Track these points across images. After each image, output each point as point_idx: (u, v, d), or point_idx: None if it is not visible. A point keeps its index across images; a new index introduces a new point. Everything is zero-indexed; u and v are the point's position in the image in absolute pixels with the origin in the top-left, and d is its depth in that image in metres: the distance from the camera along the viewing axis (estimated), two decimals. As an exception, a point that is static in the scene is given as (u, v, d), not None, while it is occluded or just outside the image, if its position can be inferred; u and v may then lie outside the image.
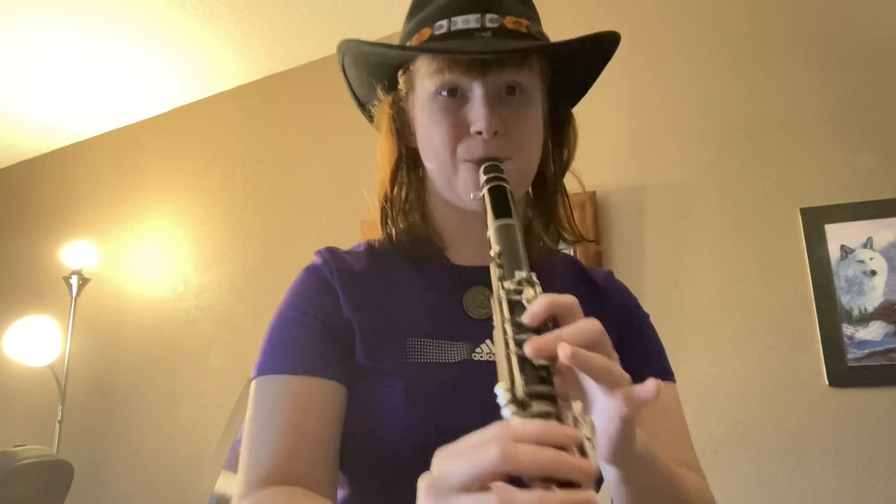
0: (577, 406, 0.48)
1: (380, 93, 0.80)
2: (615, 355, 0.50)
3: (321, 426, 0.69)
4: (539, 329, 0.49)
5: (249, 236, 2.65)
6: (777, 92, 2.05)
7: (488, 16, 0.71)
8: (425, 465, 0.46)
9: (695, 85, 2.14)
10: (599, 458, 0.52)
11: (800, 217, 1.94)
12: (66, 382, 2.59)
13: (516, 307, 0.52)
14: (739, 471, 1.84)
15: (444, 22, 0.72)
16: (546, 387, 0.46)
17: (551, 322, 0.50)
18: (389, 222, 0.79)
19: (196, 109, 2.87)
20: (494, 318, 0.53)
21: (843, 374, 1.81)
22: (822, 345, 1.84)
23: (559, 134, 0.83)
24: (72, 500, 2.17)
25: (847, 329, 1.84)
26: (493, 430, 0.42)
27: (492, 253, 0.59)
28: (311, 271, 0.78)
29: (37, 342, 2.55)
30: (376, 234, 0.82)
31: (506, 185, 0.66)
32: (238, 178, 2.75)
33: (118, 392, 2.69)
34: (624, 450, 0.52)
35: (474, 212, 0.69)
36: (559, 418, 0.45)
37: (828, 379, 1.82)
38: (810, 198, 1.94)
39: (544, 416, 0.44)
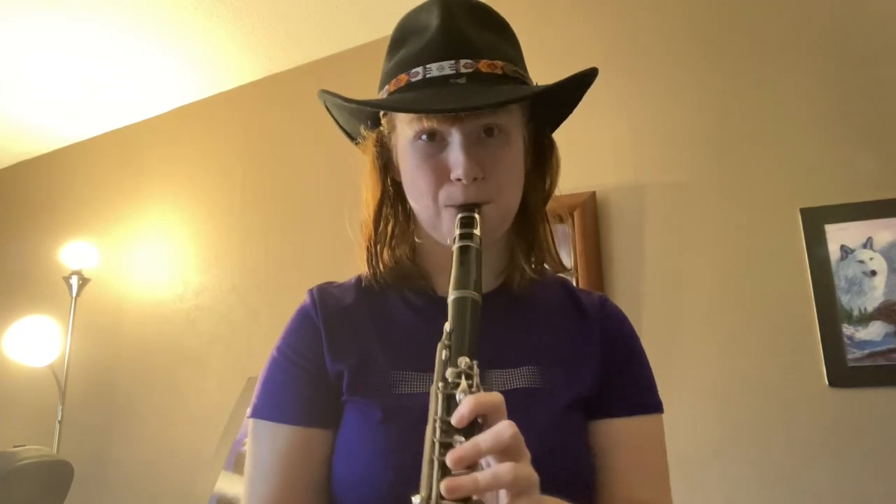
0: None
1: (363, 131, 0.82)
2: (526, 455, 0.54)
3: (307, 472, 0.74)
4: (468, 428, 0.54)
5: (249, 236, 2.65)
6: (777, 92, 2.05)
7: (463, 61, 0.71)
8: (403, 490, 0.52)
9: (694, 85, 2.14)
10: None
11: (800, 217, 1.94)
12: (66, 382, 2.59)
13: (451, 402, 0.56)
14: (739, 471, 1.84)
15: (420, 69, 0.72)
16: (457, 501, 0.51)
17: (480, 418, 0.55)
18: (375, 261, 0.81)
19: (196, 109, 2.87)
20: (430, 410, 0.57)
21: (843, 374, 1.81)
22: (822, 345, 1.84)
23: (542, 162, 0.83)
24: (72, 500, 2.17)
25: (847, 329, 1.84)
26: None
27: (444, 328, 0.61)
28: (301, 314, 0.82)
29: (37, 342, 2.55)
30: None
31: (473, 244, 0.67)
32: (238, 178, 2.75)
33: (118, 392, 2.69)
34: None
35: None
36: None
37: (828, 379, 1.82)
38: (810, 198, 1.94)
39: None
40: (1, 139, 2.98)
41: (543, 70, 0.89)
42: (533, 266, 0.83)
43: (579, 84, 0.77)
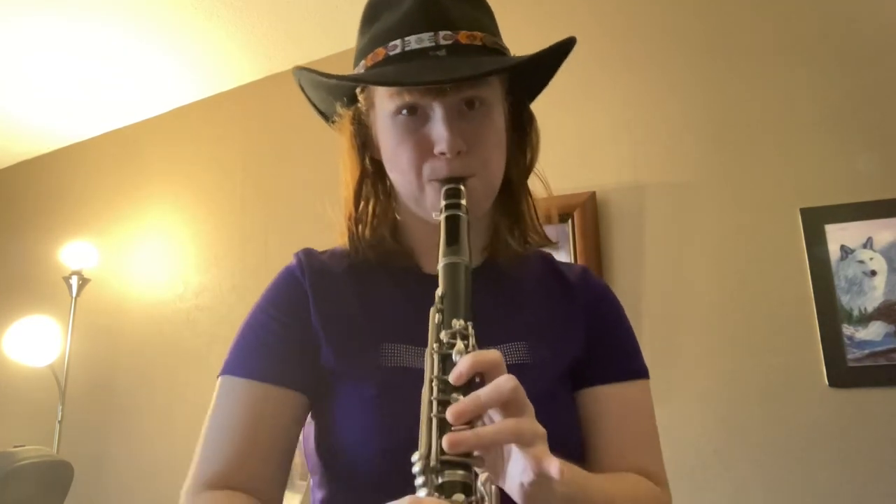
0: (482, 476, 0.52)
1: (339, 109, 0.81)
2: (530, 408, 0.53)
3: (274, 433, 0.71)
4: (465, 386, 0.52)
5: (249, 236, 2.65)
6: (777, 92, 2.05)
7: (442, 33, 0.70)
8: (396, 468, 0.50)
9: (695, 85, 2.14)
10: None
11: (800, 217, 1.94)
12: (66, 382, 2.59)
13: (447, 361, 0.54)
14: (739, 471, 1.84)
15: (398, 42, 0.71)
16: (459, 456, 0.49)
17: (479, 377, 0.53)
18: (357, 240, 0.80)
19: (196, 109, 2.87)
20: (426, 371, 0.55)
21: (843, 374, 1.81)
22: (822, 345, 1.84)
23: (522, 137, 0.82)
24: (72, 500, 2.17)
25: (847, 329, 1.84)
26: None
27: (436, 293, 0.60)
28: (286, 274, 0.81)
29: (37, 342, 2.55)
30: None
31: (461, 213, 0.67)
32: (238, 177, 2.75)
33: (118, 392, 2.69)
34: (542, 496, 0.54)
35: None
36: (468, 489, 0.49)
37: (828, 379, 1.82)
38: (810, 198, 1.94)
39: (453, 486, 0.48)
40: (1, 139, 2.98)
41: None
42: (517, 241, 0.82)
43: (558, 53, 0.76)
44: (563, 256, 2.10)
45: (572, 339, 0.78)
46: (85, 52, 2.49)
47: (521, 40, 0.84)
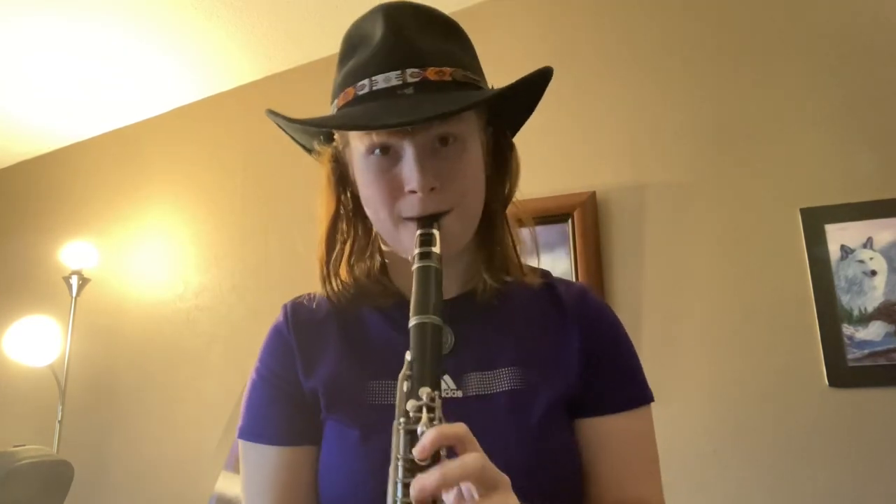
0: None
1: (318, 146, 0.81)
2: (503, 481, 0.52)
3: (301, 490, 0.75)
4: (430, 463, 0.52)
5: (249, 236, 2.65)
6: (777, 92, 2.05)
7: (409, 71, 0.69)
8: None
9: (695, 85, 2.14)
10: None
11: (800, 217, 1.94)
12: (66, 382, 2.59)
13: (413, 437, 0.55)
14: (739, 471, 1.84)
15: (366, 82, 0.70)
16: None
17: (445, 450, 0.53)
18: (329, 285, 0.79)
19: (196, 109, 2.87)
20: (392, 449, 0.56)
21: (843, 374, 1.81)
22: (822, 345, 1.84)
23: (502, 165, 0.81)
24: (72, 500, 2.17)
25: (847, 329, 1.84)
26: None
27: (406, 357, 0.60)
28: (274, 332, 0.82)
29: (37, 342, 2.55)
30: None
31: (432, 264, 0.66)
32: (238, 177, 2.75)
33: (118, 392, 2.69)
34: None
35: None
36: None
37: (828, 379, 1.82)
38: (810, 198, 1.94)
39: None
40: (1, 139, 2.98)
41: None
42: (492, 275, 0.80)
43: (533, 85, 0.74)
44: (562, 256, 2.10)
45: (567, 366, 0.76)
46: (85, 52, 2.49)
47: (521, 40, 0.83)
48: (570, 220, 2.12)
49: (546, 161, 2.12)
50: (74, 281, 2.68)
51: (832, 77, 2.01)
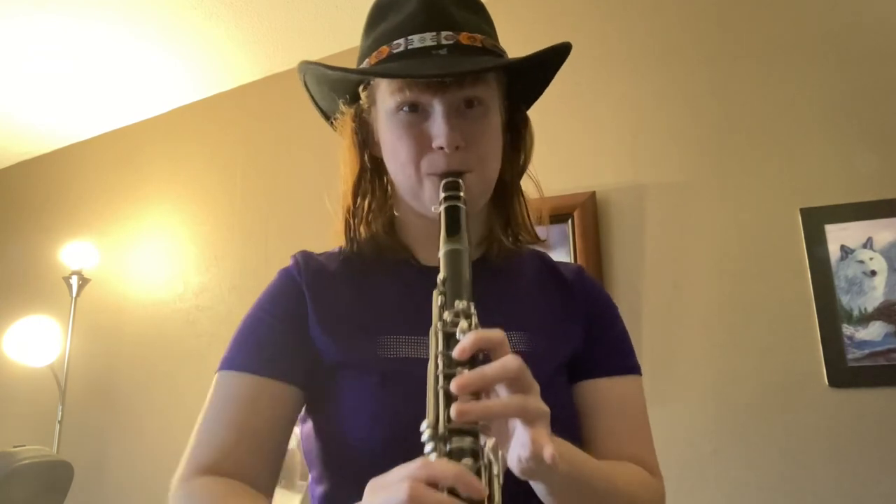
0: (489, 443, 0.53)
1: (342, 106, 0.82)
2: (536, 387, 0.54)
3: (267, 425, 0.72)
4: (469, 362, 0.53)
5: (249, 236, 2.65)
6: (777, 92, 2.05)
7: (444, 33, 0.73)
8: (399, 457, 0.50)
9: (695, 85, 2.14)
10: (520, 476, 0.56)
11: (800, 217, 1.94)
12: (66, 382, 2.59)
13: (451, 339, 0.56)
14: (739, 471, 1.84)
15: (402, 41, 0.73)
16: (466, 424, 0.51)
17: (482, 354, 0.54)
18: (352, 234, 0.82)
19: (196, 109, 2.87)
20: (430, 349, 0.57)
21: (843, 374, 1.81)
22: (822, 345, 1.84)
23: (516, 138, 0.85)
24: (72, 500, 2.17)
25: (847, 329, 1.84)
26: (411, 467, 0.48)
27: (438, 278, 0.62)
28: (283, 275, 0.83)
29: (37, 342, 2.55)
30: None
31: (460, 204, 0.69)
32: (238, 178, 2.75)
33: (118, 392, 2.69)
34: (539, 473, 0.55)
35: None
36: (475, 454, 0.50)
37: (828, 379, 1.82)
38: (810, 198, 1.94)
39: (461, 452, 0.50)
40: (1, 139, 2.98)
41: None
42: (509, 238, 0.84)
43: (555, 56, 0.78)
44: (562, 256, 2.10)
45: (571, 332, 0.81)
46: (85, 52, 2.49)
47: (522, 41, 0.84)
48: (570, 220, 2.12)
49: (546, 161, 2.11)
50: (74, 281, 2.68)
51: (832, 77, 2.01)
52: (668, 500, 0.79)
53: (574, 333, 0.81)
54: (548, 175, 0.88)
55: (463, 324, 0.56)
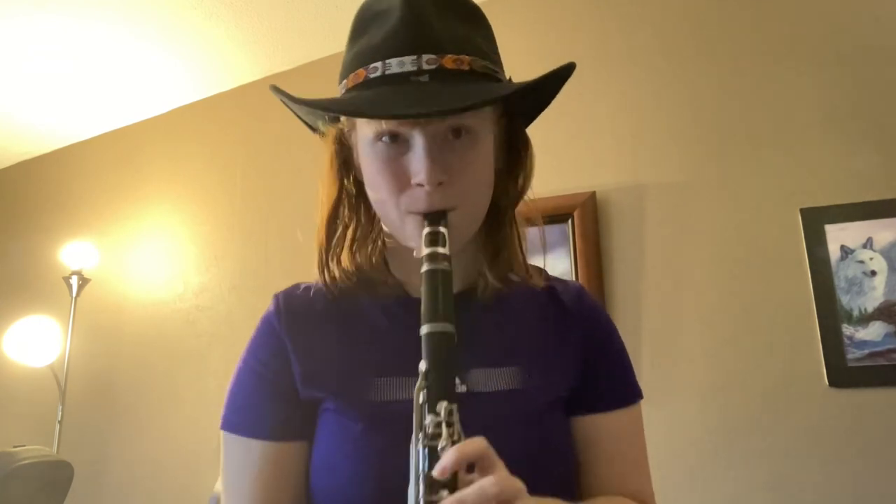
0: None
1: (322, 126, 0.78)
2: (521, 491, 0.53)
3: (286, 488, 0.72)
4: (452, 480, 0.53)
5: (249, 236, 2.65)
6: (777, 92, 2.05)
7: (425, 57, 0.65)
8: (387, 501, 0.51)
9: (695, 85, 2.14)
10: None
11: (800, 217, 1.94)
12: (66, 382, 2.59)
13: (433, 455, 0.54)
14: (739, 471, 1.84)
15: (379, 64, 0.66)
16: None
17: (467, 465, 0.54)
18: (327, 270, 0.76)
19: (196, 109, 2.87)
20: (411, 467, 0.55)
21: (843, 374, 1.81)
22: (822, 345, 1.84)
23: (515, 161, 0.77)
24: (72, 500, 2.17)
25: (847, 329, 1.84)
26: None
27: (420, 367, 0.58)
28: (263, 322, 0.78)
29: (37, 342, 2.55)
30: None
31: (443, 266, 0.63)
32: (238, 178, 2.75)
33: (118, 392, 2.69)
34: None
35: None
36: None
37: (828, 379, 1.82)
38: (810, 198, 1.94)
39: None
40: (1, 139, 2.98)
41: (538, 71, 0.89)
42: (495, 274, 0.77)
43: (555, 80, 0.72)
44: (562, 256, 2.10)
45: (567, 367, 0.77)
46: (85, 52, 2.49)
47: (521, 41, 0.83)
48: (570, 220, 2.12)
49: (546, 161, 2.11)
50: (74, 281, 2.68)
51: (832, 77, 2.01)
52: (669, 501, 0.79)
53: (571, 363, 0.77)
54: (548, 175, 0.87)
55: (444, 434, 0.55)
